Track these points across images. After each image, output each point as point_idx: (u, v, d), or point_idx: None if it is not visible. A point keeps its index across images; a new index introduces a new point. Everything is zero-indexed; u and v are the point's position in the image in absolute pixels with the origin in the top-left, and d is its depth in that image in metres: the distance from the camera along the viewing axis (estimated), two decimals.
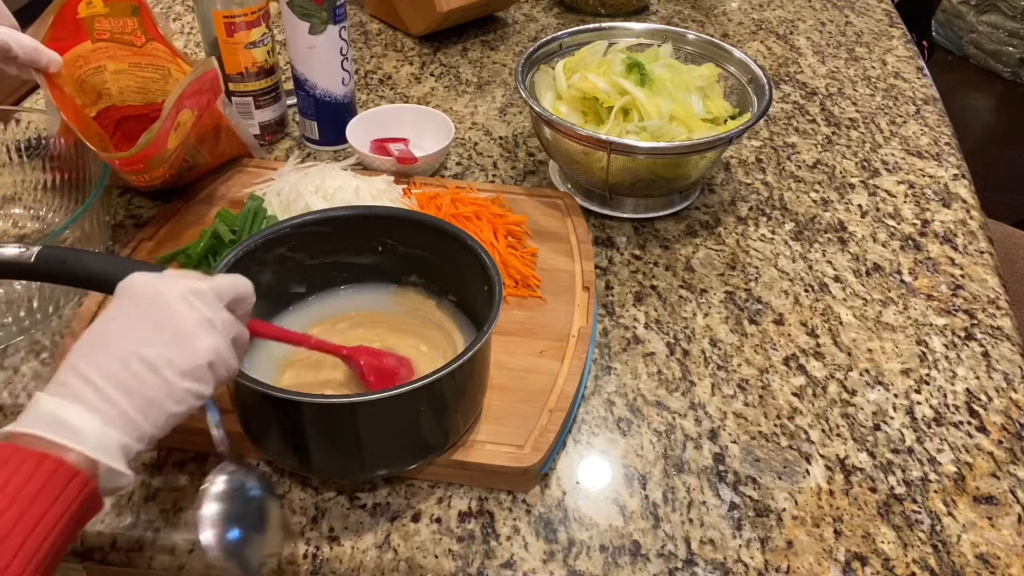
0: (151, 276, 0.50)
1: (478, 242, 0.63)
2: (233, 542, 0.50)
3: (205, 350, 0.48)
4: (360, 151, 0.90)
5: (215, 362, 0.49)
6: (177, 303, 0.49)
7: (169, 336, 0.48)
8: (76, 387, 0.46)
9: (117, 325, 0.48)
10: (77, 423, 0.44)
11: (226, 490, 0.52)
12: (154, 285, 0.49)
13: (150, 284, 0.50)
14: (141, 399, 0.46)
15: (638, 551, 0.58)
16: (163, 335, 0.47)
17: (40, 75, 0.72)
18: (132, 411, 0.46)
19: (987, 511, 0.62)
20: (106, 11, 0.81)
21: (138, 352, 0.46)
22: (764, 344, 0.74)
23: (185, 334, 0.48)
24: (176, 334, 0.48)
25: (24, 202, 0.84)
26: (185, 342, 0.48)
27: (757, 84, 0.87)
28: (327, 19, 0.89)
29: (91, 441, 0.44)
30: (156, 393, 0.46)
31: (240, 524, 0.51)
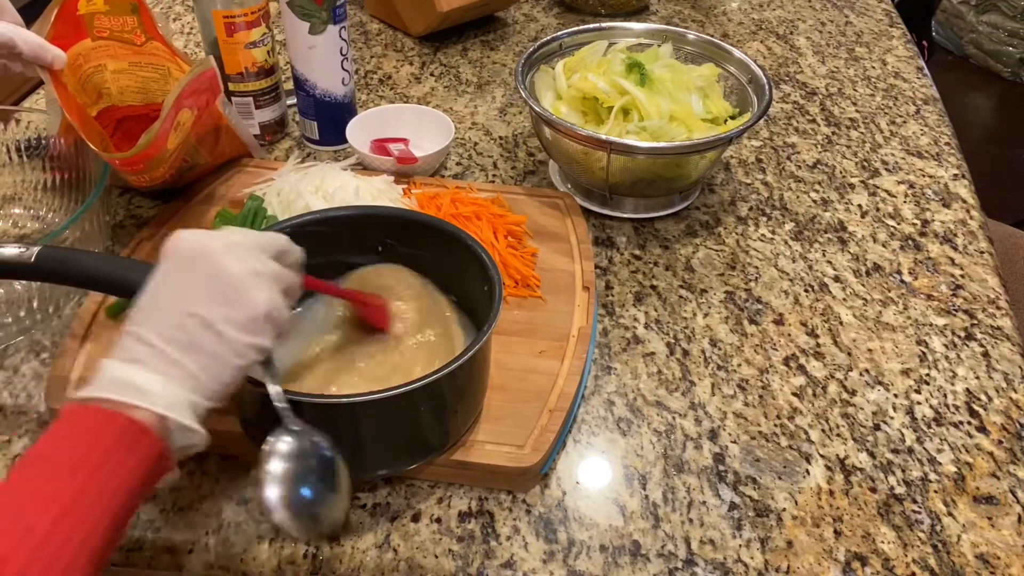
0: (193, 233, 0.50)
1: (478, 242, 0.63)
2: (302, 501, 0.49)
3: (260, 302, 0.48)
4: (360, 151, 0.90)
5: (270, 312, 0.48)
6: (223, 257, 0.48)
7: (222, 291, 0.47)
8: (138, 351, 0.46)
9: (169, 285, 0.48)
10: (143, 383, 0.44)
11: (291, 450, 0.50)
12: (198, 241, 0.49)
13: (194, 241, 0.49)
14: (203, 356, 0.46)
15: (638, 551, 0.58)
16: (216, 291, 0.47)
17: (45, 72, 0.72)
18: (196, 369, 0.46)
19: (987, 511, 0.62)
20: (106, 9, 0.81)
21: (193, 310, 0.46)
22: (764, 344, 0.74)
23: (237, 287, 0.47)
24: (229, 288, 0.47)
25: (24, 202, 0.84)
26: (238, 295, 0.47)
27: (757, 84, 0.87)
28: (327, 19, 0.89)
29: (159, 399, 0.44)
30: (217, 349, 0.46)
31: (307, 483, 0.50)
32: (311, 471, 0.50)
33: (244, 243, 0.50)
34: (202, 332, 0.46)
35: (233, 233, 0.51)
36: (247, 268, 0.48)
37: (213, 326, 0.46)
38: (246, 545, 0.58)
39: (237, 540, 0.58)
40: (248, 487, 0.61)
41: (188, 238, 0.49)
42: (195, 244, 0.49)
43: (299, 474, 0.49)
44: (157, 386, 0.45)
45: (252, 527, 0.59)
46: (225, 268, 0.48)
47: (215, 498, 0.61)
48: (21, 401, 0.68)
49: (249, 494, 0.61)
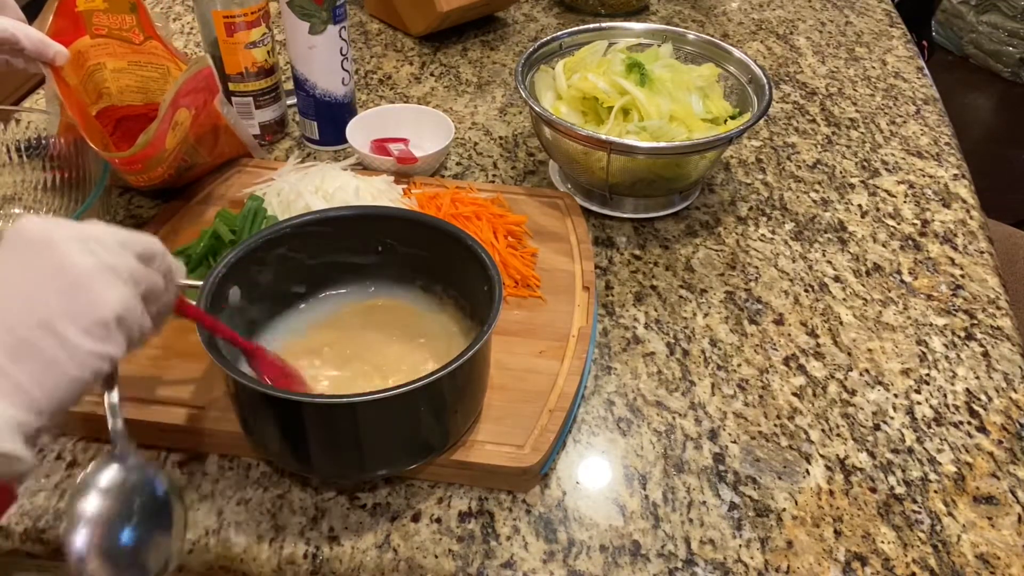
0: (40, 220, 0.42)
1: (478, 242, 0.63)
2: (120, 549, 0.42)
3: (109, 302, 0.41)
4: (360, 151, 0.90)
5: (123, 317, 0.41)
6: (71, 246, 0.41)
7: (65, 286, 0.40)
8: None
9: (9, 278, 0.41)
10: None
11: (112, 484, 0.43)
12: (44, 228, 0.42)
13: (39, 228, 0.42)
14: (36, 364, 0.39)
15: (638, 551, 0.58)
16: (57, 285, 0.40)
17: (47, 69, 0.72)
18: (26, 380, 0.38)
19: (987, 511, 0.62)
20: (105, 6, 0.81)
21: (29, 308, 0.39)
22: (764, 344, 0.74)
23: (83, 282, 0.40)
24: (73, 283, 0.40)
25: (24, 202, 0.84)
26: (84, 292, 0.40)
27: (757, 84, 0.87)
28: (327, 19, 0.89)
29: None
30: (55, 355, 0.39)
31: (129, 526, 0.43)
32: (136, 511, 0.43)
33: (100, 236, 0.43)
34: (38, 333, 0.39)
35: (91, 225, 0.44)
36: (98, 262, 0.41)
37: (52, 326, 0.39)
38: (246, 545, 0.58)
39: (237, 540, 0.58)
40: (248, 487, 0.61)
41: (33, 224, 0.42)
42: (39, 231, 0.42)
43: (120, 514, 0.43)
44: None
45: (252, 527, 0.59)
46: (71, 259, 0.41)
47: (215, 498, 0.61)
48: None
49: (249, 494, 0.61)
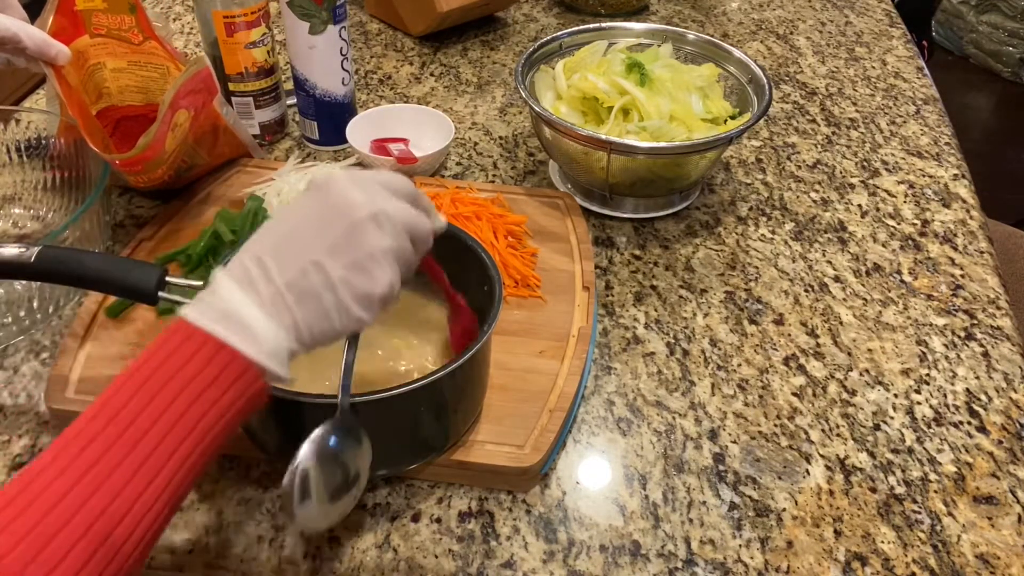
0: (348, 182, 0.49)
1: (478, 242, 0.63)
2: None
3: (383, 283, 0.47)
4: (360, 151, 0.90)
5: (387, 296, 0.48)
6: (370, 224, 0.47)
7: (355, 257, 0.47)
8: (258, 281, 0.45)
9: (306, 227, 0.47)
10: (256, 327, 0.44)
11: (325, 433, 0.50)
12: (350, 197, 0.48)
13: (346, 194, 0.48)
14: (315, 314, 0.46)
15: (638, 551, 0.58)
16: (350, 253, 0.46)
17: (48, 68, 0.73)
18: (304, 322, 0.46)
19: (987, 511, 0.62)
20: (104, 6, 0.81)
21: (324, 265, 0.46)
22: (764, 344, 0.74)
23: (372, 260, 0.47)
24: (363, 257, 0.47)
25: (24, 202, 0.84)
26: (369, 268, 0.47)
27: (757, 84, 0.87)
28: (327, 19, 0.89)
29: (266, 347, 0.44)
30: (329, 307, 0.46)
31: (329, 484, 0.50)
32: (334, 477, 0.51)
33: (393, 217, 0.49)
34: (324, 290, 0.46)
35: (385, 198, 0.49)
36: (385, 246, 0.47)
37: (335, 288, 0.46)
38: (246, 545, 0.58)
39: (237, 540, 0.58)
40: (248, 487, 0.61)
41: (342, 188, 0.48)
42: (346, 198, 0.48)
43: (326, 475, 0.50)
44: (267, 332, 0.44)
45: (252, 527, 0.59)
46: (365, 239, 0.47)
47: (215, 498, 0.61)
48: (21, 401, 0.68)
49: (249, 494, 0.61)
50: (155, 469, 0.41)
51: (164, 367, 0.43)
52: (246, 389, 0.44)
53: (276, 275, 0.46)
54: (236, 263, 0.47)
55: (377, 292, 0.47)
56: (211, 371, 0.43)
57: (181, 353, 0.43)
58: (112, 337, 0.71)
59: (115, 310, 0.72)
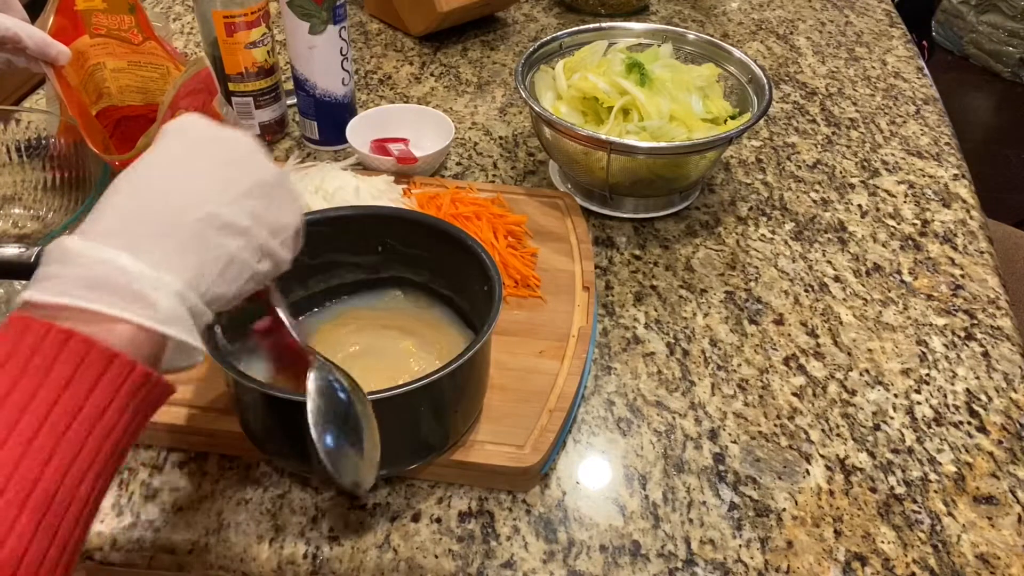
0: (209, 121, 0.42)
1: (478, 242, 0.63)
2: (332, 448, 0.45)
3: (293, 211, 0.42)
4: (360, 151, 0.90)
5: (299, 231, 0.43)
6: (257, 152, 0.41)
7: (254, 186, 0.40)
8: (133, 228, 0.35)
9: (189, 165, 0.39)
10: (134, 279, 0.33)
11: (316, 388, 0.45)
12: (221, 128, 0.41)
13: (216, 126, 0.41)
14: (221, 253, 0.37)
15: (638, 551, 0.58)
16: (246, 183, 0.40)
17: (49, 68, 0.73)
18: (207, 267, 0.37)
19: (987, 511, 0.62)
20: (104, 6, 0.81)
21: (221, 198, 0.38)
22: (764, 344, 0.74)
23: (271, 188, 0.41)
24: (263, 185, 0.40)
25: (24, 202, 0.84)
26: (272, 197, 0.41)
27: (757, 84, 0.87)
28: (327, 19, 0.89)
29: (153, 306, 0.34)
30: (238, 250, 0.38)
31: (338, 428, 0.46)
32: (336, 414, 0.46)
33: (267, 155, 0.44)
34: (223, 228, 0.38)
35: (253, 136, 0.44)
36: (281, 175, 0.42)
37: (236, 223, 0.38)
38: (246, 545, 0.58)
39: (237, 540, 0.58)
40: (248, 487, 0.61)
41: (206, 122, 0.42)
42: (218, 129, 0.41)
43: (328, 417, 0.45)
44: (151, 285, 0.34)
45: (252, 527, 0.59)
46: (261, 164, 0.41)
47: (215, 498, 0.61)
48: None
49: (249, 494, 0.61)
50: None
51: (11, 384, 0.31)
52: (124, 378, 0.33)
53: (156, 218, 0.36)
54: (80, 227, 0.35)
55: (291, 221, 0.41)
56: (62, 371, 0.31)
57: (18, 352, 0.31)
58: None
59: None
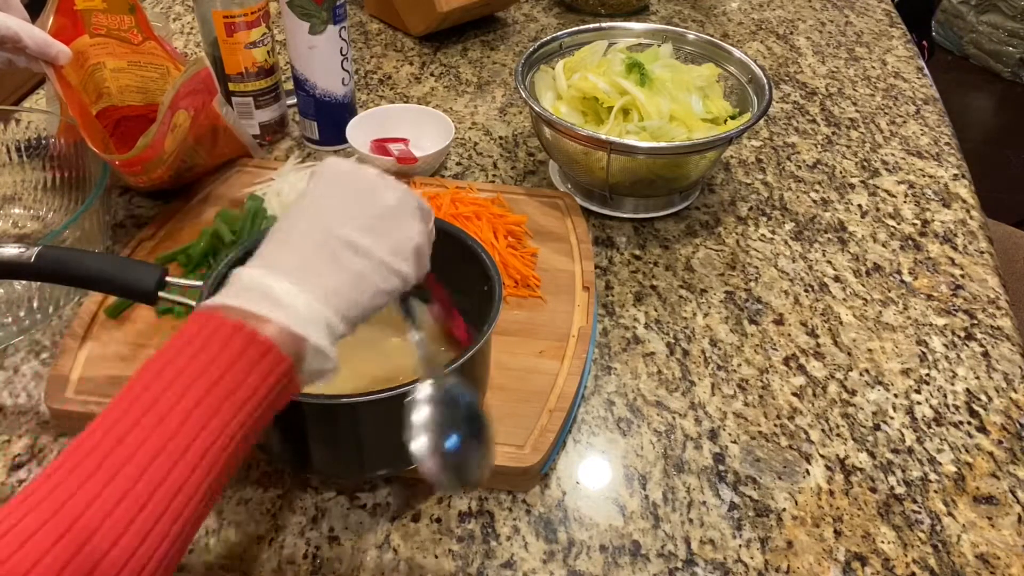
0: (347, 161, 0.49)
1: (478, 242, 0.63)
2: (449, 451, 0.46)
3: (415, 232, 0.47)
4: (360, 151, 0.90)
5: (421, 247, 0.47)
6: (379, 182, 0.47)
7: (378, 212, 0.46)
8: (281, 258, 0.44)
9: (323, 201, 0.46)
10: (279, 293, 0.41)
11: (433, 396, 0.48)
12: (354, 168, 0.48)
13: (349, 167, 0.48)
14: (349, 274, 0.44)
15: (638, 551, 0.58)
16: (371, 210, 0.46)
17: (49, 68, 0.73)
18: (338, 285, 0.43)
19: (987, 511, 0.62)
20: (104, 6, 0.81)
21: (341, 229, 0.45)
22: (764, 344, 0.74)
23: (392, 212, 0.46)
24: (384, 211, 0.46)
25: (24, 202, 0.84)
26: (393, 220, 0.46)
27: (757, 84, 0.87)
28: (327, 19, 0.89)
29: (294, 313, 0.41)
30: (363, 268, 0.45)
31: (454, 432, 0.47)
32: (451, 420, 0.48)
33: (400, 183, 0.49)
34: (349, 250, 0.44)
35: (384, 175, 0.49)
36: (402, 196, 0.47)
37: (361, 247, 0.45)
38: (246, 545, 0.58)
39: (237, 540, 0.58)
40: (248, 487, 0.61)
41: (342, 164, 0.48)
42: (351, 170, 0.48)
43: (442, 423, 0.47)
44: (294, 299, 0.42)
45: (252, 527, 0.59)
46: (382, 195, 0.46)
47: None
48: (21, 401, 0.68)
49: (249, 494, 0.61)
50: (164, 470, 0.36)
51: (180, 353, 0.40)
52: (270, 370, 0.40)
53: (298, 246, 0.44)
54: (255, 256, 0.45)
55: (409, 243, 0.46)
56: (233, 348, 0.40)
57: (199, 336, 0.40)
58: (112, 337, 0.71)
59: (115, 310, 0.72)
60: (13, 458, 0.63)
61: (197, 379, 0.39)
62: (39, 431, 0.65)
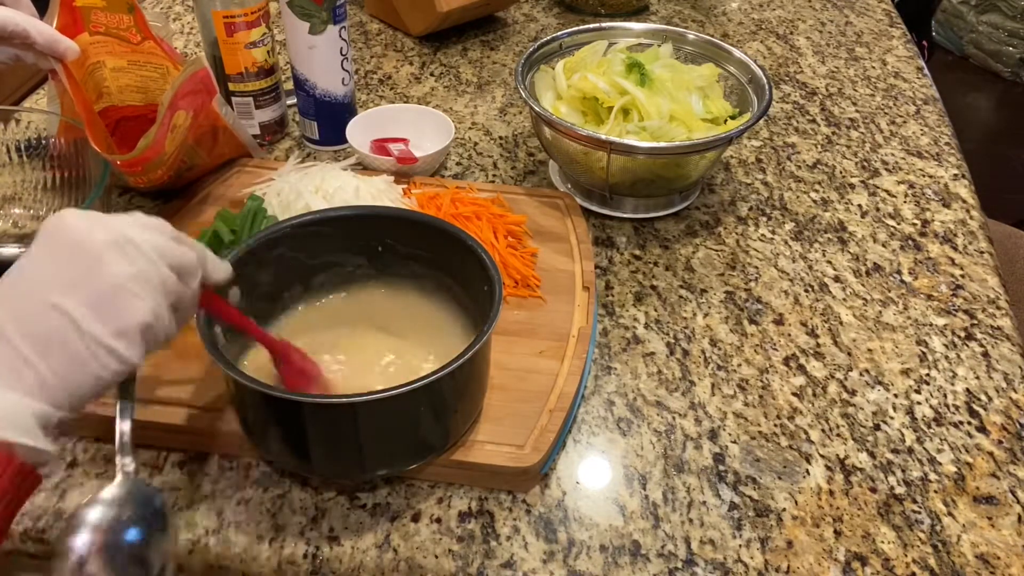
0: (82, 215, 0.44)
1: (478, 242, 0.63)
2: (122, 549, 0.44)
3: (139, 312, 0.42)
4: (360, 151, 0.90)
5: (150, 325, 0.43)
6: (109, 251, 0.42)
7: (99, 291, 0.42)
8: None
9: (39, 270, 0.42)
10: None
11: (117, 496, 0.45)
12: (84, 227, 0.43)
13: (79, 225, 0.43)
14: (61, 357, 0.41)
15: (638, 551, 0.58)
16: (92, 288, 0.42)
17: (57, 63, 0.72)
18: (49, 374, 0.40)
19: (987, 511, 0.62)
20: (103, 4, 0.81)
21: (60, 303, 0.41)
22: (764, 344, 0.74)
23: (117, 292, 0.42)
24: (107, 289, 0.42)
25: (24, 202, 0.84)
26: (115, 300, 0.42)
27: (757, 84, 0.87)
28: (327, 19, 0.89)
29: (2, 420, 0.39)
30: (78, 351, 0.41)
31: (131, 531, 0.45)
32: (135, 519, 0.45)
33: (139, 243, 0.44)
34: (64, 330, 0.41)
35: (131, 226, 0.45)
36: (133, 271, 0.43)
37: (79, 325, 0.41)
38: (246, 545, 0.58)
39: (237, 540, 0.58)
40: (248, 487, 0.61)
41: (74, 222, 0.43)
42: (80, 230, 0.43)
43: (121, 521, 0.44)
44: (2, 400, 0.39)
45: (252, 527, 0.59)
46: (109, 267, 0.42)
47: (215, 498, 0.61)
48: None
49: (249, 494, 0.61)
50: None
51: None
52: None
53: (8, 326, 0.40)
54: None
55: (133, 322, 0.42)
56: None
57: None
58: None
59: None
60: None
61: None
62: None
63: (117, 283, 0.42)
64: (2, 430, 0.39)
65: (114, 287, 0.42)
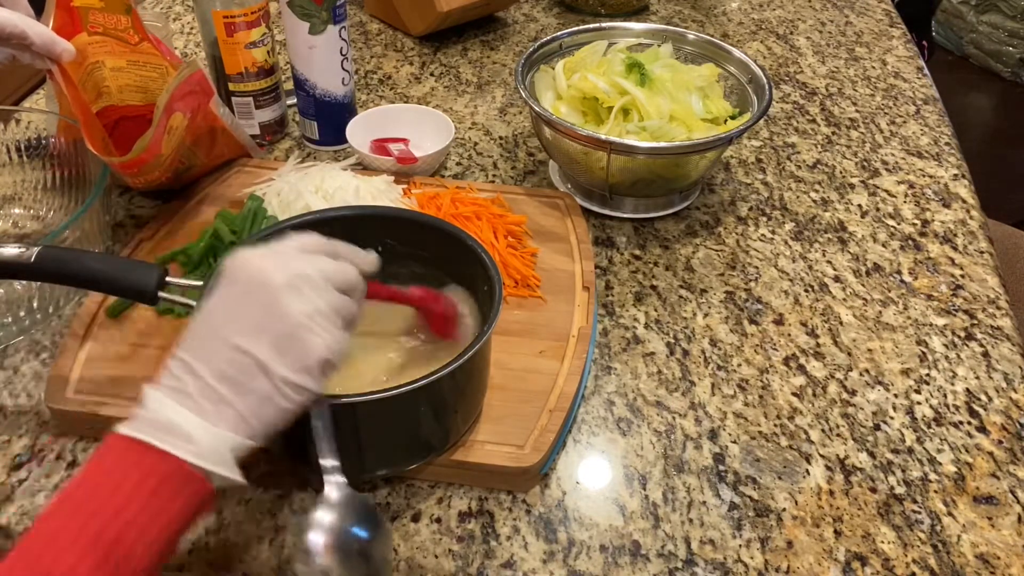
0: (256, 256, 0.47)
1: (478, 242, 0.63)
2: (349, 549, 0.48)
3: (318, 348, 0.46)
4: (360, 151, 0.90)
5: (330, 360, 0.47)
6: (285, 294, 0.45)
7: (280, 333, 0.45)
8: (187, 383, 0.44)
9: (224, 314, 0.46)
10: (189, 429, 0.43)
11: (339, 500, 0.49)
12: (259, 269, 0.46)
13: (256, 268, 0.46)
14: (252, 397, 0.45)
15: (638, 551, 0.58)
16: (273, 331, 0.45)
17: (54, 65, 0.72)
18: (244, 410, 0.44)
19: (987, 511, 0.62)
20: (100, 5, 0.81)
21: (247, 348, 0.44)
22: (764, 344, 0.74)
23: (296, 332, 0.45)
24: (287, 331, 0.45)
25: (24, 202, 0.84)
26: (296, 340, 0.45)
27: (757, 84, 0.87)
28: (327, 19, 0.89)
29: (204, 448, 0.43)
30: (266, 390, 0.45)
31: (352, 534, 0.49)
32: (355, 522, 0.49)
33: (310, 276, 0.47)
34: (253, 372, 0.44)
35: (298, 259, 0.48)
36: (310, 309, 0.46)
37: (266, 367, 0.45)
38: (246, 545, 0.58)
39: (237, 540, 0.58)
40: (248, 488, 0.61)
41: (251, 263, 0.47)
42: (257, 273, 0.46)
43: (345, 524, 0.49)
44: (202, 432, 0.43)
45: (252, 527, 0.59)
46: (285, 309, 0.45)
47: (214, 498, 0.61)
48: (21, 401, 0.68)
49: (249, 494, 0.61)
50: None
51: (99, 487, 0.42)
52: (188, 497, 0.43)
53: (203, 372, 0.44)
54: (163, 371, 0.45)
55: (314, 359, 0.46)
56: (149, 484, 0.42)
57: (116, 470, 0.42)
58: (112, 337, 0.71)
59: (115, 310, 0.72)
60: (13, 458, 0.63)
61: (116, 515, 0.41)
62: (39, 431, 0.65)
63: (297, 322, 0.45)
64: (205, 461, 0.43)
65: (294, 326, 0.45)
